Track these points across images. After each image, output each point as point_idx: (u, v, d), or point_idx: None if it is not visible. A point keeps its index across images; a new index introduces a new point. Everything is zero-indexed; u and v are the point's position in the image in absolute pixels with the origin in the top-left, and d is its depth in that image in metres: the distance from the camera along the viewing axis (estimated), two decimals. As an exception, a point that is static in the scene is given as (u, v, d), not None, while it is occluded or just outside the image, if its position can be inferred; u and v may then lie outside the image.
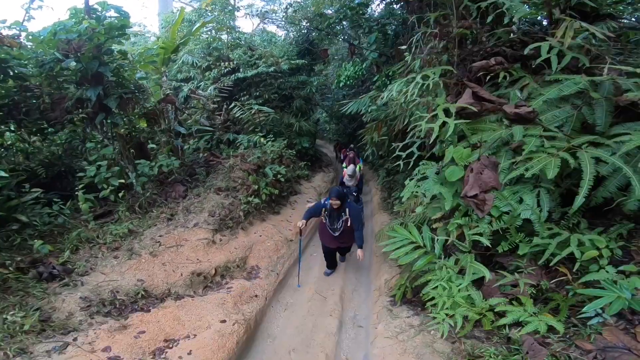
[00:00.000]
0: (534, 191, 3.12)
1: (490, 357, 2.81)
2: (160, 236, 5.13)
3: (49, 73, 5.13)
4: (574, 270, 2.94)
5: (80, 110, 5.39)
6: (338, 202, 4.71)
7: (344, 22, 11.43)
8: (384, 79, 8.12)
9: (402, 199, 3.90)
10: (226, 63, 10.37)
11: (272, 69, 10.48)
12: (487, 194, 2.90)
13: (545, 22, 5.32)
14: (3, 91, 4.87)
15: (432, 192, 3.56)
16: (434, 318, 3.37)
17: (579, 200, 2.70)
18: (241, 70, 10.43)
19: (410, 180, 3.94)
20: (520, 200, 3.12)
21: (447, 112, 3.59)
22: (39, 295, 3.75)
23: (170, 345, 3.56)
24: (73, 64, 4.95)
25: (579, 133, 3.20)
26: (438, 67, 4.35)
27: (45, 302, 3.69)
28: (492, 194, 2.93)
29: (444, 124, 3.48)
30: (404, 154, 4.48)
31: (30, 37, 4.97)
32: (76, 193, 5.35)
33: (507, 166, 3.23)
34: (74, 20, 4.92)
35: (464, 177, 3.22)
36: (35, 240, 4.38)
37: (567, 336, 2.70)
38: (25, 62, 5.09)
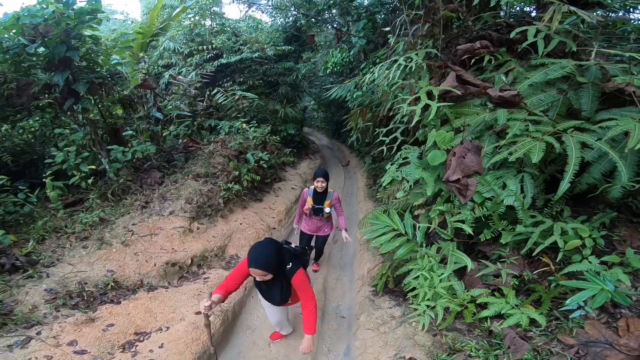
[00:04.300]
0: (518, 176, 3.01)
1: (471, 351, 2.73)
2: (133, 225, 4.93)
3: (14, 59, 4.92)
4: (557, 260, 2.85)
5: (47, 95, 5.21)
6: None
7: (333, 10, 11.23)
8: (370, 66, 7.97)
9: (383, 183, 3.76)
10: (208, 46, 10.11)
11: (256, 54, 10.27)
12: (469, 179, 2.77)
13: (534, 14, 5.22)
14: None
15: (414, 177, 3.42)
16: (415, 309, 3.27)
17: (564, 186, 2.60)
18: (224, 56, 10.19)
19: (392, 165, 3.79)
20: (504, 186, 3.00)
21: (430, 95, 3.44)
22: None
23: (141, 339, 3.44)
24: (41, 49, 4.78)
25: (565, 118, 3.10)
26: (422, 49, 4.20)
27: (7, 295, 3.53)
28: (474, 178, 2.81)
29: (426, 107, 3.33)
30: (387, 139, 4.34)
31: (-7, 24, 4.73)
32: (43, 177, 5.12)
33: (490, 150, 3.11)
34: (42, 5, 4.67)
35: (447, 161, 3.09)
36: (-4, 230, 4.14)
37: (549, 330, 2.63)
38: None
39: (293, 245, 3.40)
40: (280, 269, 2.76)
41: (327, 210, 4.53)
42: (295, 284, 2.88)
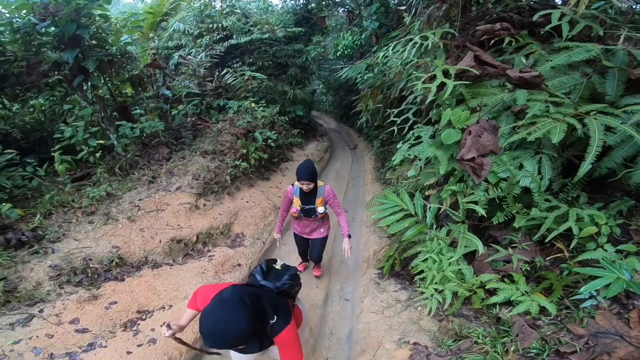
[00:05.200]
0: (535, 157, 2.90)
1: (478, 338, 2.67)
2: (139, 200, 4.90)
3: (24, 38, 4.94)
4: (570, 248, 2.76)
5: (56, 73, 5.22)
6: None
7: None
8: (383, 49, 7.85)
9: (394, 162, 3.66)
10: (218, 25, 10.02)
11: (266, 36, 10.19)
12: (484, 158, 2.67)
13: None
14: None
15: (427, 155, 3.32)
16: (422, 293, 3.21)
17: (585, 166, 2.49)
18: (234, 37, 10.11)
19: (403, 144, 3.69)
20: (520, 167, 2.90)
21: (446, 73, 3.33)
22: (5, 263, 3.55)
23: (144, 317, 3.42)
24: (51, 28, 4.81)
25: (587, 102, 2.98)
26: (439, 29, 4.06)
27: (12, 271, 3.50)
28: (490, 158, 2.70)
29: (442, 86, 3.21)
30: (399, 120, 4.24)
31: (4, 3, 4.76)
32: (52, 152, 5.12)
33: (507, 131, 3.00)
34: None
35: (461, 140, 2.99)
36: (3, 204, 4.11)
37: (559, 319, 2.55)
38: (2, 29, 4.93)
39: (279, 265, 2.61)
40: (257, 334, 1.80)
41: (320, 210, 3.75)
42: (279, 343, 2.01)
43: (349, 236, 3.76)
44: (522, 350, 2.41)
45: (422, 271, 3.30)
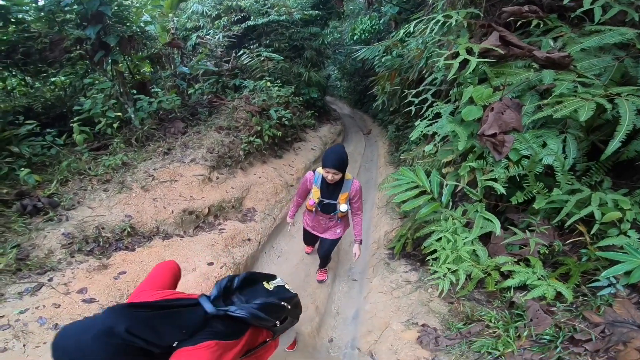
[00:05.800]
0: (560, 137, 2.79)
1: (490, 321, 2.62)
2: (154, 170, 4.93)
3: (48, 16, 5.06)
4: (591, 233, 2.66)
5: (78, 47, 5.32)
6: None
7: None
8: (402, 31, 7.74)
9: (411, 138, 3.57)
10: (236, 3, 9.98)
11: (283, 17, 10.17)
12: (506, 135, 2.58)
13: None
14: (4, 37, 4.85)
15: (446, 131, 3.22)
16: (435, 272, 3.15)
17: (614, 145, 2.39)
18: (252, 18, 10.11)
19: (422, 120, 3.60)
20: (544, 145, 2.79)
21: (469, 52, 3.22)
22: (19, 230, 3.57)
23: (151, 288, 3.43)
24: (75, 6, 4.93)
25: (617, 85, 2.85)
26: (463, 10, 3.93)
27: (25, 239, 3.51)
28: (512, 135, 2.61)
29: (464, 63, 3.11)
30: (416, 100, 4.15)
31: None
32: (71, 125, 5.19)
33: (531, 109, 2.89)
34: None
35: (482, 117, 2.90)
36: (22, 170, 4.15)
37: (575, 306, 2.48)
38: (27, 8, 5.04)
39: (272, 285, 2.03)
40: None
41: (342, 208, 3.19)
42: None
43: (360, 242, 3.40)
44: (535, 336, 2.37)
45: (434, 251, 3.24)
